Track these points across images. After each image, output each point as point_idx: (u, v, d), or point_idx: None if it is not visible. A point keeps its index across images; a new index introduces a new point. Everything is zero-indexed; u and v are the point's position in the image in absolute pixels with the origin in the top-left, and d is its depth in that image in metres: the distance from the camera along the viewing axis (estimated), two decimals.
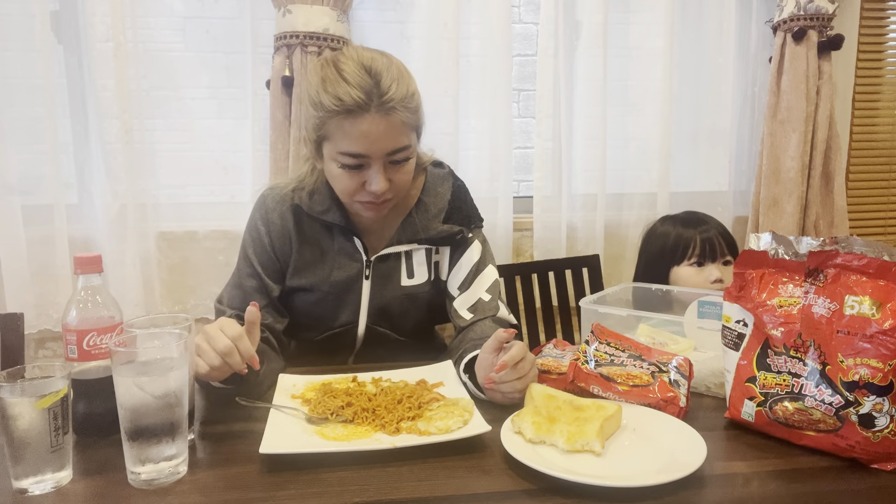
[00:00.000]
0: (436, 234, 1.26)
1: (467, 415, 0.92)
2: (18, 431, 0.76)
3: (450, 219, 1.27)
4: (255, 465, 0.83)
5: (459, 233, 1.27)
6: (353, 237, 1.25)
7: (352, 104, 1.06)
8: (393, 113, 1.08)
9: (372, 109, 1.06)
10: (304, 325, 1.29)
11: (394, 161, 1.12)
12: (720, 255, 1.57)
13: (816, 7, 2.04)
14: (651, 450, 0.84)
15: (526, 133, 2.34)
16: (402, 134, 1.11)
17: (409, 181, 1.19)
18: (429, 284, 1.29)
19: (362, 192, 1.14)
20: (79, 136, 1.95)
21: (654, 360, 1.01)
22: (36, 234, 1.88)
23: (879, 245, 0.83)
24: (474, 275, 1.28)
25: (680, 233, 1.62)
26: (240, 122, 2.01)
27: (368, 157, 1.10)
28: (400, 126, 1.10)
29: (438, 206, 1.27)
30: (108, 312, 0.90)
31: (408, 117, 1.11)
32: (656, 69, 2.15)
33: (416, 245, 1.27)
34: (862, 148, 2.39)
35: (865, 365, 0.79)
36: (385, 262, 1.27)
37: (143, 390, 0.77)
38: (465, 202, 1.31)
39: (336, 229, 1.25)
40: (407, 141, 1.12)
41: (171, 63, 2.00)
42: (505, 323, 1.26)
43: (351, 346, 1.32)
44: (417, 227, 1.25)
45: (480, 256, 1.29)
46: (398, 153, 1.11)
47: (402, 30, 2.07)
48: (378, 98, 1.06)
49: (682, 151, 2.26)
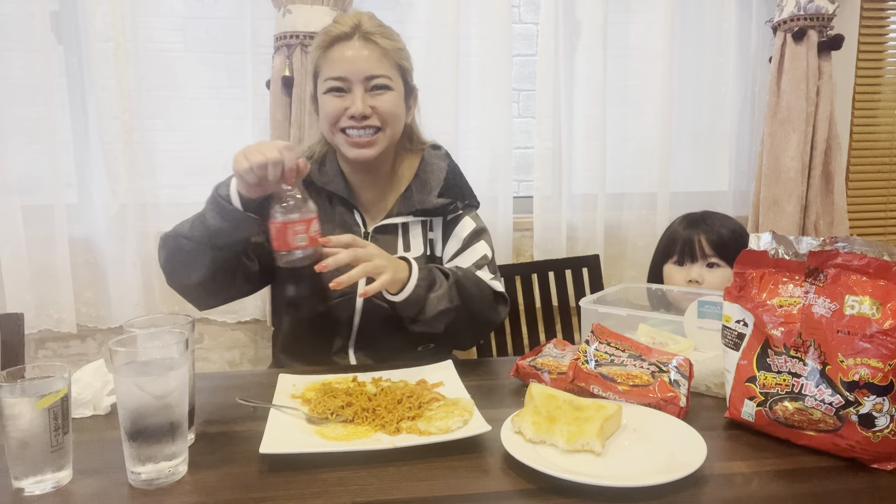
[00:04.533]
0: (431, 206, 1.32)
1: (467, 415, 0.92)
2: (18, 431, 0.76)
3: (445, 194, 1.34)
4: (255, 465, 0.83)
5: (452, 204, 1.34)
6: (354, 209, 1.33)
7: (337, 34, 1.24)
8: (374, 41, 1.23)
9: (355, 38, 1.23)
10: (303, 298, 1.31)
11: (374, 87, 1.24)
12: (701, 257, 1.57)
13: (816, 7, 2.04)
14: (651, 450, 0.84)
15: (526, 133, 2.34)
16: (382, 62, 1.24)
17: (393, 114, 1.27)
18: (423, 259, 1.34)
19: (346, 119, 1.24)
20: (79, 136, 1.95)
21: (654, 360, 1.00)
22: (36, 234, 1.87)
23: (879, 245, 0.83)
24: (465, 247, 1.34)
25: (675, 231, 1.64)
26: (240, 122, 2.01)
27: (350, 81, 1.23)
28: (380, 55, 1.24)
29: (435, 182, 1.35)
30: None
31: (389, 50, 1.25)
32: (656, 69, 2.15)
33: (413, 217, 1.33)
34: (862, 148, 2.39)
35: (865, 365, 0.79)
36: (383, 234, 1.32)
37: (143, 390, 0.77)
38: (461, 179, 1.40)
39: (337, 200, 1.33)
40: (386, 71, 1.25)
41: (171, 63, 2.00)
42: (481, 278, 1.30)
43: (349, 323, 1.32)
44: (415, 199, 1.33)
45: (472, 231, 1.36)
46: (377, 79, 1.23)
47: (402, 30, 2.04)
48: (361, 30, 1.24)
49: (682, 151, 2.25)
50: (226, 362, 2.11)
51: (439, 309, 1.18)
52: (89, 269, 1.96)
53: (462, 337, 1.34)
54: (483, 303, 1.26)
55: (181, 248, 1.19)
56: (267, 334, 2.09)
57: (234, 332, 2.09)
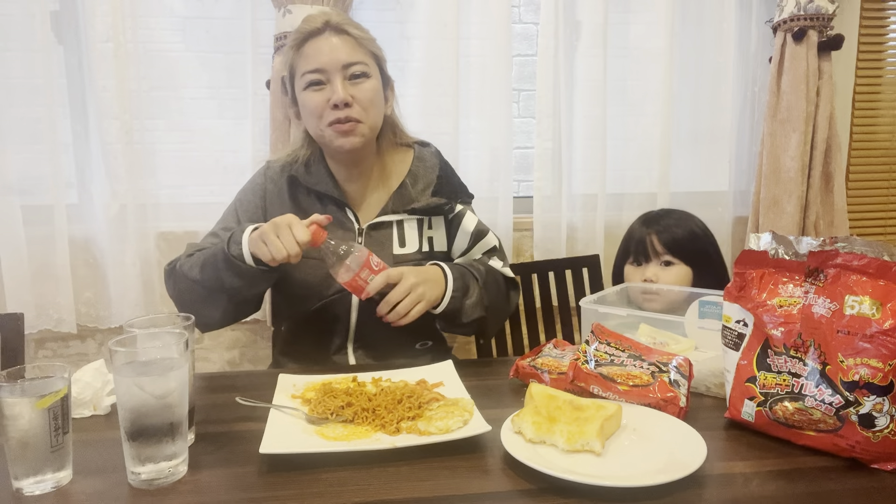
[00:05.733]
0: (426, 206, 1.33)
1: (467, 415, 0.92)
2: (18, 431, 0.76)
3: (438, 192, 1.35)
4: (255, 465, 0.83)
5: (447, 204, 1.34)
6: (346, 207, 1.33)
7: (309, 30, 1.26)
8: (346, 31, 1.25)
9: (327, 31, 1.25)
10: (300, 296, 1.32)
11: (353, 75, 1.24)
12: (654, 256, 1.58)
13: (816, 7, 2.04)
14: (651, 450, 0.84)
15: (526, 133, 2.34)
16: (357, 51, 1.26)
17: (373, 102, 1.27)
18: (420, 254, 1.34)
19: (328, 112, 1.24)
20: (79, 136, 1.95)
21: (654, 360, 1.01)
22: (36, 234, 1.87)
23: (879, 245, 0.83)
24: (474, 242, 1.36)
25: (632, 231, 1.66)
26: (240, 122, 2.01)
27: (327, 71, 1.23)
28: (354, 43, 1.26)
29: (428, 179, 1.36)
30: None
31: (362, 38, 1.27)
32: (656, 69, 2.14)
33: (407, 216, 1.34)
34: (862, 148, 2.39)
35: (865, 365, 0.79)
36: (377, 231, 1.33)
37: (143, 390, 0.77)
38: (454, 177, 1.41)
39: (328, 200, 1.33)
40: (363, 58, 1.26)
41: (171, 63, 1.99)
42: (497, 270, 1.36)
43: (346, 321, 1.32)
44: (409, 196, 1.34)
45: (477, 225, 1.37)
46: (354, 66, 1.24)
47: (402, 30, 2.07)
48: (331, 24, 1.25)
49: (682, 151, 2.25)
50: (226, 362, 2.11)
51: (474, 317, 1.24)
52: (89, 269, 1.95)
53: (487, 332, 1.46)
54: (500, 299, 1.34)
55: (193, 291, 1.21)
56: (267, 334, 2.09)
57: (234, 332, 2.09)
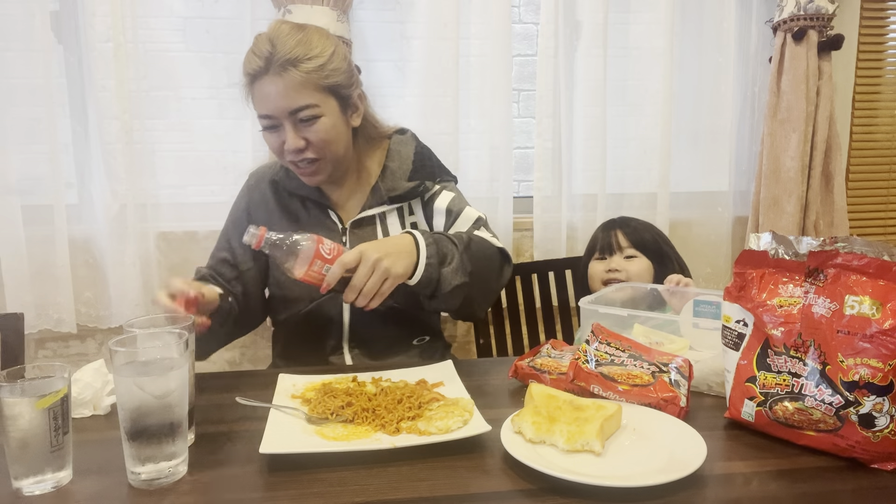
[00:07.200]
0: (401, 192, 1.31)
1: (467, 415, 0.92)
2: (18, 431, 0.76)
3: (415, 176, 1.33)
4: (255, 465, 0.83)
5: (421, 185, 1.32)
6: (328, 209, 1.33)
7: (253, 70, 1.18)
8: (288, 72, 1.16)
9: (270, 72, 1.16)
10: (291, 298, 1.32)
11: (301, 119, 1.19)
12: (618, 250, 1.67)
13: (816, 7, 2.04)
14: (651, 450, 0.84)
15: (526, 133, 2.34)
16: (302, 93, 1.17)
17: (329, 140, 1.22)
18: None
19: (287, 153, 1.22)
20: (79, 136, 1.95)
21: (655, 360, 1.01)
22: (36, 234, 1.87)
23: (879, 245, 0.83)
24: (454, 216, 1.32)
25: (596, 233, 1.75)
26: (240, 122, 2.01)
27: (275, 118, 1.19)
28: (297, 85, 1.17)
29: (403, 168, 1.34)
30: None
31: (307, 76, 1.17)
32: (656, 69, 2.15)
33: (387, 206, 1.33)
34: (862, 148, 2.39)
35: (865, 365, 0.79)
36: (361, 228, 1.33)
37: (143, 390, 0.77)
38: (430, 159, 1.38)
39: (310, 203, 1.34)
40: (309, 100, 1.18)
41: (171, 63, 1.99)
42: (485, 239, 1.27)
43: (339, 321, 1.32)
44: (384, 189, 1.32)
45: (453, 199, 1.34)
46: (301, 111, 1.18)
47: (402, 30, 2.07)
48: (275, 62, 1.16)
49: (682, 151, 2.25)
50: (226, 362, 2.11)
51: (454, 284, 1.14)
52: (89, 269, 1.96)
53: (477, 307, 1.28)
54: (492, 269, 1.24)
55: None
56: (267, 334, 2.09)
57: None
